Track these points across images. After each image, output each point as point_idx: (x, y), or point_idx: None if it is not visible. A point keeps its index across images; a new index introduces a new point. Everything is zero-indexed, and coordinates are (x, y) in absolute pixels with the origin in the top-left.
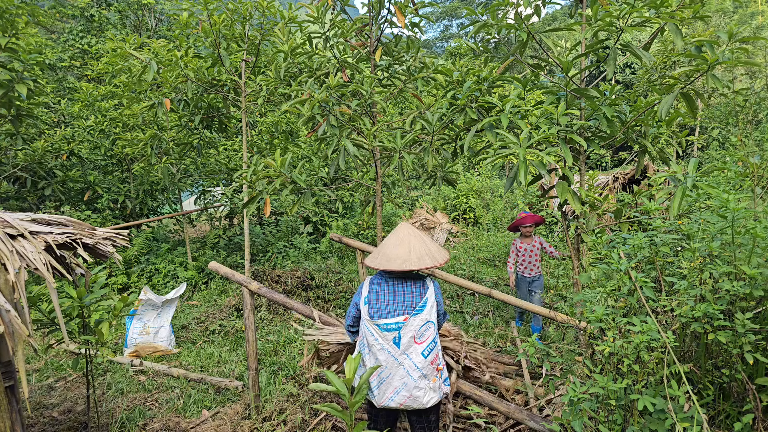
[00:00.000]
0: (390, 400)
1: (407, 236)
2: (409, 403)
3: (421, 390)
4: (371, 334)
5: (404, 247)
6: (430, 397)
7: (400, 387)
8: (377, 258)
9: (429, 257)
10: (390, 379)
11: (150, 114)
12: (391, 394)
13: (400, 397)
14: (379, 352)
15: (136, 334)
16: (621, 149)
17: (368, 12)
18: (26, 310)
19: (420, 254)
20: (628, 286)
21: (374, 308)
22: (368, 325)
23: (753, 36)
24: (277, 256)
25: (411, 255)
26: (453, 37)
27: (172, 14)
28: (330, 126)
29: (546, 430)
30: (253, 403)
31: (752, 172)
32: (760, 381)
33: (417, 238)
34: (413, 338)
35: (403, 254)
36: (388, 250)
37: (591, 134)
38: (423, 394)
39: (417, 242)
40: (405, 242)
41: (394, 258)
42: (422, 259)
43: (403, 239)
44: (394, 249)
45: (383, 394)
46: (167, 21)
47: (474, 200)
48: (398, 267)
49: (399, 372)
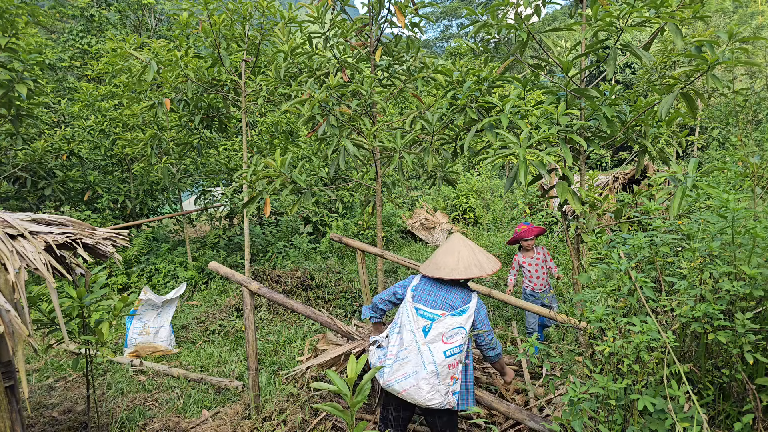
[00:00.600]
0: (396, 382)
1: (458, 246)
2: (411, 393)
3: (428, 384)
4: (407, 314)
5: (453, 257)
6: (432, 396)
7: (410, 373)
8: (429, 266)
9: (477, 267)
10: (405, 361)
11: (150, 114)
12: (400, 377)
13: (406, 382)
14: (406, 333)
15: (136, 334)
16: (621, 149)
17: (368, 12)
18: (26, 310)
19: (467, 264)
20: (628, 286)
21: (418, 295)
22: (408, 305)
23: (753, 36)
24: (277, 256)
25: (459, 264)
26: (453, 37)
27: (172, 14)
28: (330, 126)
29: (546, 430)
30: (253, 403)
31: (752, 172)
32: (760, 381)
33: (467, 248)
34: (442, 335)
35: (451, 263)
36: (438, 258)
37: (591, 134)
38: (427, 390)
39: (466, 252)
40: (455, 252)
41: (443, 266)
42: (469, 269)
43: (453, 248)
44: (444, 257)
45: (393, 373)
46: (167, 21)
47: (474, 200)
48: (445, 275)
49: (416, 359)
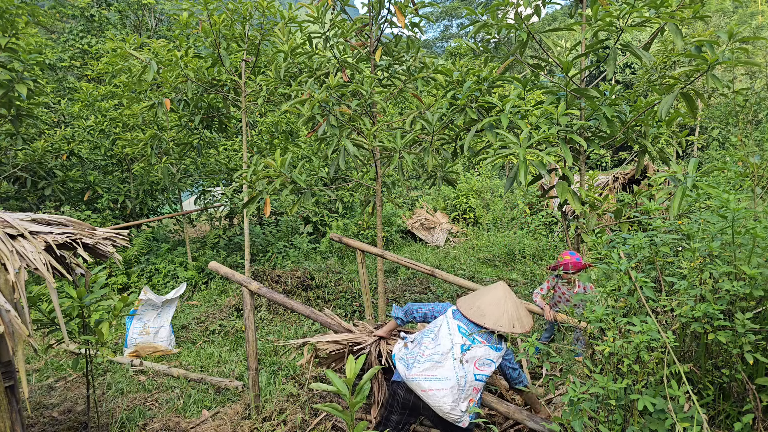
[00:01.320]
0: (424, 379)
1: (504, 298)
2: (435, 395)
3: (452, 396)
4: (447, 327)
5: (500, 309)
6: (453, 407)
7: (442, 377)
8: (472, 309)
9: (519, 324)
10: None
11: (150, 114)
12: (430, 376)
13: (435, 383)
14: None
15: (136, 334)
16: (621, 149)
17: (368, 12)
18: (26, 310)
19: (511, 319)
20: (628, 286)
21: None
22: (449, 321)
23: (753, 36)
24: (277, 256)
25: (503, 318)
26: (453, 37)
27: (172, 14)
28: (330, 126)
29: (546, 430)
30: (253, 403)
31: (752, 172)
32: (760, 381)
33: (512, 303)
34: (475, 360)
35: (498, 315)
36: (484, 307)
37: (591, 134)
38: (451, 400)
39: (512, 307)
40: (501, 304)
41: (489, 315)
42: (512, 325)
43: (499, 300)
44: (491, 307)
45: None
46: (167, 21)
47: (474, 200)
48: (491, 327)
49: (449, 367)
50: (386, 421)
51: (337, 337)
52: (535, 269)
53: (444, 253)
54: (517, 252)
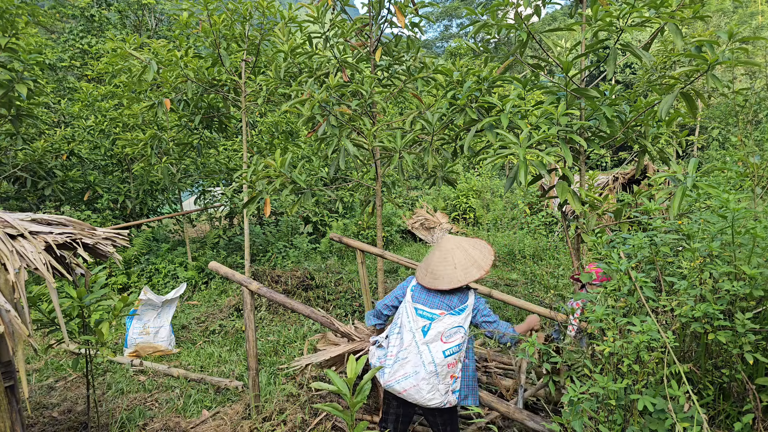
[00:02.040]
0: (396, 383)
1: (450, 250)
2: (411, 392)
3: (428, 384)
4: (406, 314)
5: (449, 264)
6: (433, 395)
7: (411, 373)
8: (426, 275)
9: (475, 267)
10: (405, 362)
11: (150, 114)
12: (400, 377)
13: (406, 383)
14: (406, 333)
15: (136, 334)
16: (621, 149)
17: (368, 12)
18: (26, 310)
19: (465, 267)
20: (628, 286)
21: (417, 295)
22: (408, 305)
23: (753, 36)
24: (277, 256)
25: (457, 271)
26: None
27: (172, 14)
28: (330, 126)
29: (546, 430)
30: (253, 403)
31: (752, 172)
32: (760, 381)
33: (460, 249)
34: (441, 335)
35: (449, 271)
36: (435, 267)
37: (591, 134)
38: (427, 390)
39: (461, 255)
40: (449, 257)
41: (442, 276)
42: (469, 273)
43: (446, 254)
44: (440, 266)
45: (394, 373)
46: (167, 21)
47: (474, 200)
48: (446, 286)
49: (415, 359)
50: (386, 415)
51: (337, 351)
52: (535, 269)
53: None
54: (517, 252)
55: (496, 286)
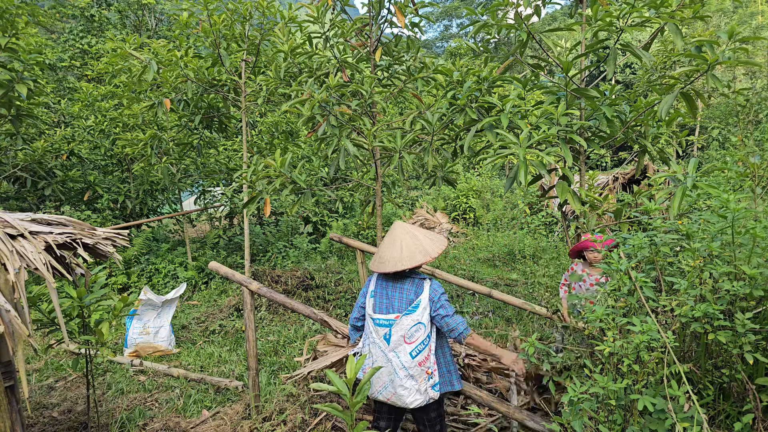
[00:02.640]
0: (378, 393)
1: (400, 235)
2: (394, 400)
3: (405, 390)
4: (369, 327)
5: (396, 247)
6: (414, 398)
7: (387, 383)
8: (374, 261)
9: (421, 254)
10: (380, 373)
11: (150, 114)
12: (379, 388)
13: (386, 392)
14: (372, 346)
15: (136, 334)
16: (621, 149)
17: (368, 12)
18: (26, 310)
19: (411, 252)
20: (628, 286)
21: (376, 302)
22: (368, 318)
23: (753, 36)
24: (277, 256)
25: (403, 254)
26: (453, 37)
27: (172, 14)
28: (330, 126)
29: (546, 430)
30: (253, 403)
31: (752, 172)
32: (760, 381)
33: (409, 235)
34: (403, 337)
35: (396, 255)
36: (383, 251)
37: (591, 134)
38: (407, 394)
39: (409, 240)
40: (397, 242)
41: (387, 259)
42: (414, 257)
43: (395, 239)
44: (388, 250)
45: (374, 386)
46: (167, 21)
47: (474, 200)
48: (391, 269)
49: (387, 368)
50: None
51: (338, 355)
52: (535, 269)
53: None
54: (517, 252)
55: (496, 286)
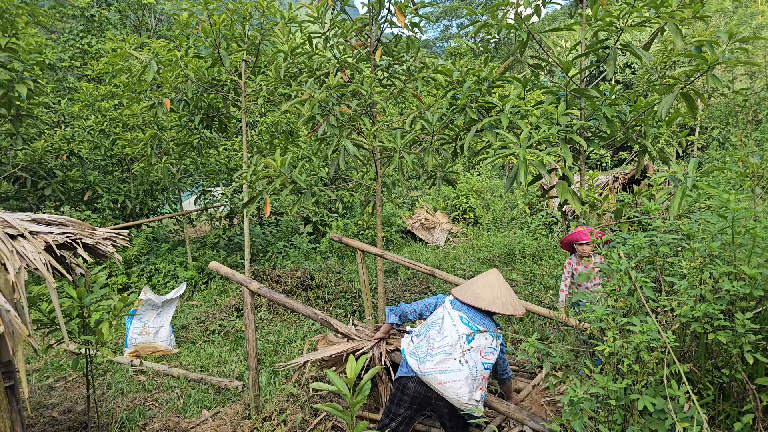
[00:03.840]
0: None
1: (496, 283)
2: (452, 387)
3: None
4: (450, 319)
5: (494, 292)
6: (465, 395)
7: (455, 368)
8: (466, 293)
9: (512, 306)
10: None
11: (150, 114)
12: (445, 368)
13: (449, 375)
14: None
15: (136, 334)
16: (621, 149)
17: (368, 12)
18: (26, 310)
19: (504, 302)
20: (628, 286)
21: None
22: (450, 312)
23: (753, 36)
24: (277, 256)
25: (497, 300)
26: (453, 37)
27: (172, 14)
28: (330, 126)
29: (546, 430)
30: (253, 403)
31: (752, 172)
32: (760, 381)
33: (505, 287)
34: (481, 349)
35: (491, 297)
36: (478, 290)
37: (591, 134)
38: (463, 390)
39: (504, 291)
40: (495, 288)
41: (483, 298)
42: (506, 306)
43: (492, 284)
44: (484, 290)
45: (438, 363)
46: (167, 21)
47: (474, 200)
48: (485, 306)
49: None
50: (393, 415)
51: (337, 349)
52: (535, 269)
53: (444, 253)
54: (517, 252)
55: None
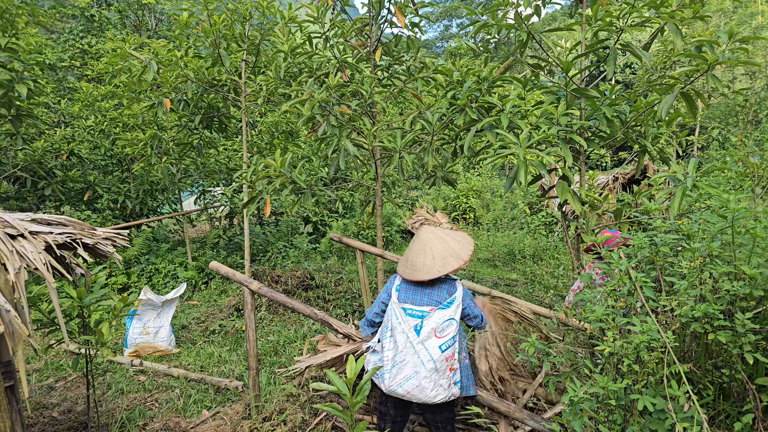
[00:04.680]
0: (398, 386)
1: (428, 241)
2: (415, 393)
3: (430, 382)
4: (396, 316)
5: (428, 255)
6: (437, 392)
7: (411, 375)
8: (405, 268)
9: (453, 257)
10: (403, 364)
11: (150, 114)
12: (401, 380)
13: (409, 384)
14: (399, 335)
15: (136, 334)
16: (621, 149)
17: (368, 12)
18: (26, 310)
19: (443, 257)
20: (628, 286)
21: (404, 295)
22: (395, 307)
23: (753, 36)
24: (277, 256)
25: (435, 261)
26: (453, 37)
27: (172, 14)
28: (330, 126)
29: (546, 430)
30: (253, 403)
31: (752, 172)
32: (760, 381)
33: (438, 240)
34: (434, 330)
35: (428, 262)
36: (414, 258)
37: (591, 134)
38: (431, 387)
39: (439, 245)
40: (428, 248)
41: (420, 267)
42: (446, 262)
43: (425, 245)
44: (419, 257)
45: (394, 377)
46: (167, 21)
47: (474, 200)
48: (425, 276)
49: (413, 360)
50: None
51: (337, 351)
52: (535, 269)
53: None
54: (517, 252)
55: (496, 286)
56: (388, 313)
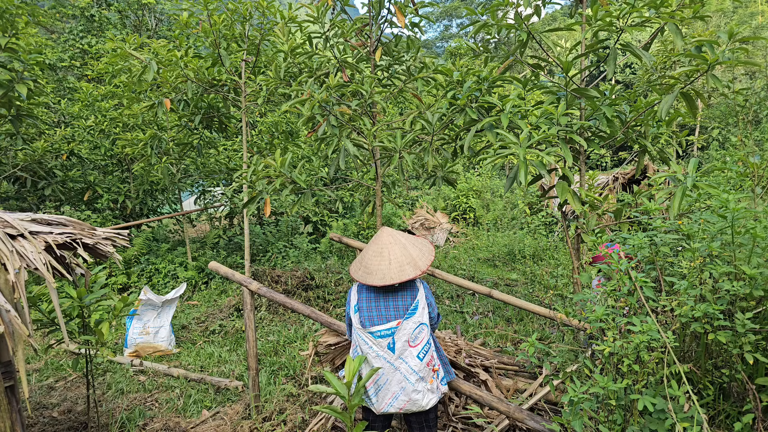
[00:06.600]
0: (389, 406)
1: (387, 245)
2: (408, 407)
3: (419, 393)
4: (365, 343)
5: (384, 259)
6: (429, 399)
7: (399, 392)
8: (359, 269)
9: (410, 266)
10: (388, 384)
11: (150, 114)
12: (390, 400)
13: (399, 402)
14: (374, 360)
15: (136, 334)
16: (621, 149)
17: (368, 12)
18: (26, 310)
19: (400, 264)
20: (628, 286)
21: (365, 316)
22: (361, 334)
23: (753, 36)
24: (277, 256)
25: (391, 267)
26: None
27: (172, 14)
28: (330, 126)
29: (546, 430)
30: (253, 403)
31: (752, 172)
32: (760, 381)
33: (398, 245)
34: (407, 342)
35: (383, 267)
36: (369, 261)
37: (591, 134)
38: (422, 397)
39: (398, 250)
40: (385, 252)
41: (375, 271)
42: (403, 270)
43: (383, 248)
44: (374, 260)
45: (382, 400)
46: (167, 21)
47: (474, 200)
48: (379, 282)
49: (396, 377)
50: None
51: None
52: (535, 269)
53: (444, 253)
54: (517, 252)
55: (496, 286)
56: (355, 340)
